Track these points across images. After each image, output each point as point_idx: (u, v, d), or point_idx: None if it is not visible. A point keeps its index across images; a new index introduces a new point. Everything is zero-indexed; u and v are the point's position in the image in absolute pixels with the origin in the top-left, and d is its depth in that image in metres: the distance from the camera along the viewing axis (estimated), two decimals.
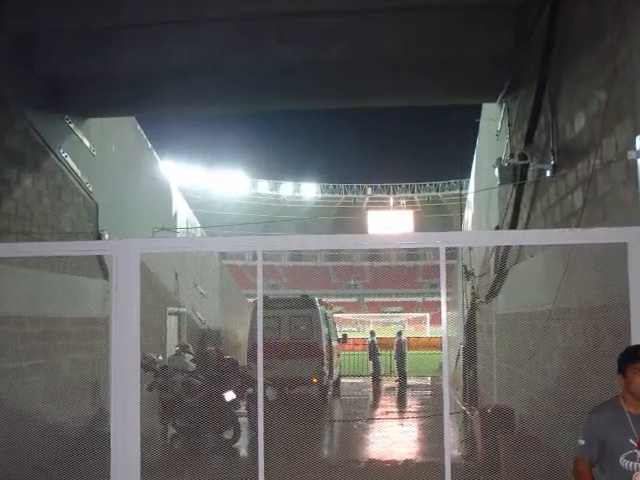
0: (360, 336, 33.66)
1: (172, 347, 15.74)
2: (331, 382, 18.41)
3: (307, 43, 10.24)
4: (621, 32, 5.79)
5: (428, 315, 57.15)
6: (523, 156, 8.86)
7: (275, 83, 11.36)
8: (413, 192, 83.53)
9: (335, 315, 24.06)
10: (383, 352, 24.03)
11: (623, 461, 3.71)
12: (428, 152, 79.60)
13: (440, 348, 6.15)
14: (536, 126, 8.99)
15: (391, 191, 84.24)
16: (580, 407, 5.17)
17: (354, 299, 75.10)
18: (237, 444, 11.69)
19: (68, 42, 10.45)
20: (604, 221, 6.27)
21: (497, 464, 8.34)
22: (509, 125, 11.06)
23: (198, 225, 23.81)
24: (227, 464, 10.56)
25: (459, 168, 17.32)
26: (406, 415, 16.08)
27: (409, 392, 20.65)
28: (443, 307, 4.94)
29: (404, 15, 9.98)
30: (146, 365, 11.61)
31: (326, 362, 17.22)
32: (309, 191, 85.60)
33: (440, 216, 72.92)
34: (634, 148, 5.39)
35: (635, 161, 5.39)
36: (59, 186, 11.94)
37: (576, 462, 3.86)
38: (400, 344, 22.91)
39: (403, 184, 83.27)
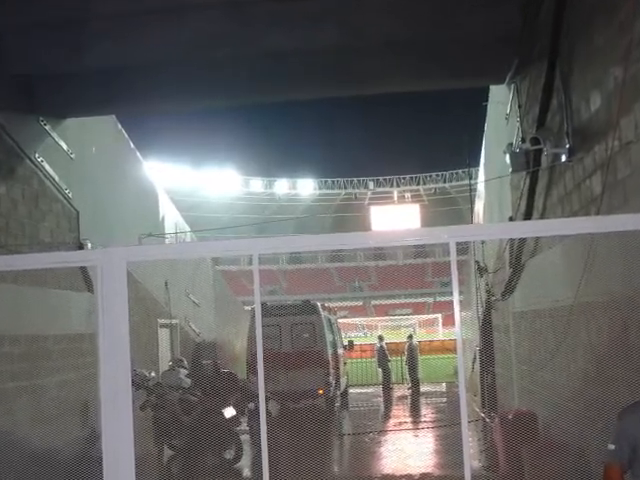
0: (368, 342, 33.62)
1: (165, 362, 15.75)
2: (338, 393, 18.41)
3: (299, 28, 10.21)
4: (636, 3, 5.79)
5: (440, 316, 57.14)
6: (536, 140, 8.83)
7: (266, 72, 11.34)
8: (418, 184, 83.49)
9: (340, 320, 24.06)
10: (393, 358, 24.05)
11: None
12: (433, 141, 79.63)
13: (454, 351, 6.14)
14: (548, 108, 8.98)
15: (395, 184, 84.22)
16: (608, 408, 5.16)
17: (359, 302, 75.07)
18: (239, 464, 11.69)
19: (40, 37, 10.42)
20: (625, 206, 6.26)
21: (521, 474, 8.34)
22: (519, 107, 11.05)
23: (188, 229, 23.83)
24: None
25: (467, 156, 17.32)
26: (421, 425, 16.08)
27: (423, 400, 20.67)
28: (456, 307, 4.92)
29: None
30: (138, 383, 11.61)
31: (332, 372, 17.22)
32: (306, 188, 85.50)
33: (449, 209, 72.84)
34: None
35: None
36: (36, 193, 11.94)
37: (606, 468, 3.85)
38: (411, 349, 22.92)
39: (407, 176, 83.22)
